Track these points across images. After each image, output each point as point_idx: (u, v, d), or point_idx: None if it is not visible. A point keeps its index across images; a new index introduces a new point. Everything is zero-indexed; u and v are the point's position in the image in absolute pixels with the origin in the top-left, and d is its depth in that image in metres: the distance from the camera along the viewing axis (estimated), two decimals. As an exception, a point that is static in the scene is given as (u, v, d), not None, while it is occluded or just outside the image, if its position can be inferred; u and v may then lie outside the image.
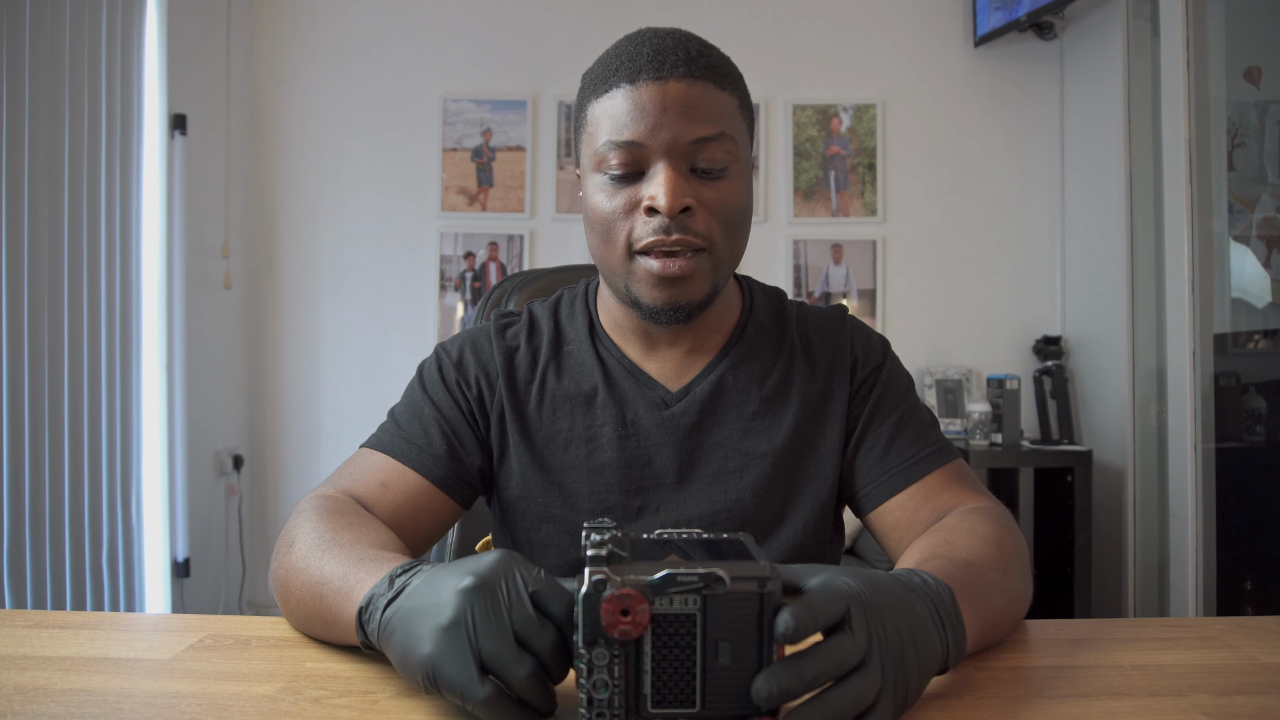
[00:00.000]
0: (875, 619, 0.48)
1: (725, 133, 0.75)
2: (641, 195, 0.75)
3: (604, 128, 0.75)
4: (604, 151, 0.75)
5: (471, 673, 0.45)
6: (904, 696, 0.48)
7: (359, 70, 3.06)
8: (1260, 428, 2.14)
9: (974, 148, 3.03)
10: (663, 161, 0.74)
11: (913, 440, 0.83)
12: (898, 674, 0.47)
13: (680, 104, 0.73)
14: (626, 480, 0.83)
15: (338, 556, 0.63)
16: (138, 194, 2.45)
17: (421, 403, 0.85)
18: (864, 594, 0.48)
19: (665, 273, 0.75)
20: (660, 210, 0.73)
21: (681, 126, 0.73)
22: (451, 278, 3.04)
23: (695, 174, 0.75)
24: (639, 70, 0.74)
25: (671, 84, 0.73)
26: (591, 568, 0.44)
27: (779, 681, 0.43)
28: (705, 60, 0.75)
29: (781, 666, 0.44)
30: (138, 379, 2.44)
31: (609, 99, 0.75)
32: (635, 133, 0.73)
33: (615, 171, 0.75)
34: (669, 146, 0.73)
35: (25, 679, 0.56)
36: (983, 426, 2.69)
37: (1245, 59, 2.21)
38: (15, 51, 2.01)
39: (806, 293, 3.01)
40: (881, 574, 0.53)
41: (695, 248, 0.75)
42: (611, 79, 0.75)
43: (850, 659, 0.45)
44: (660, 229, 0.74)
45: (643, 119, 0.73)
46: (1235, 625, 0.69)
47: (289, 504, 3.03)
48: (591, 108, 0.77)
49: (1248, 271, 2.18)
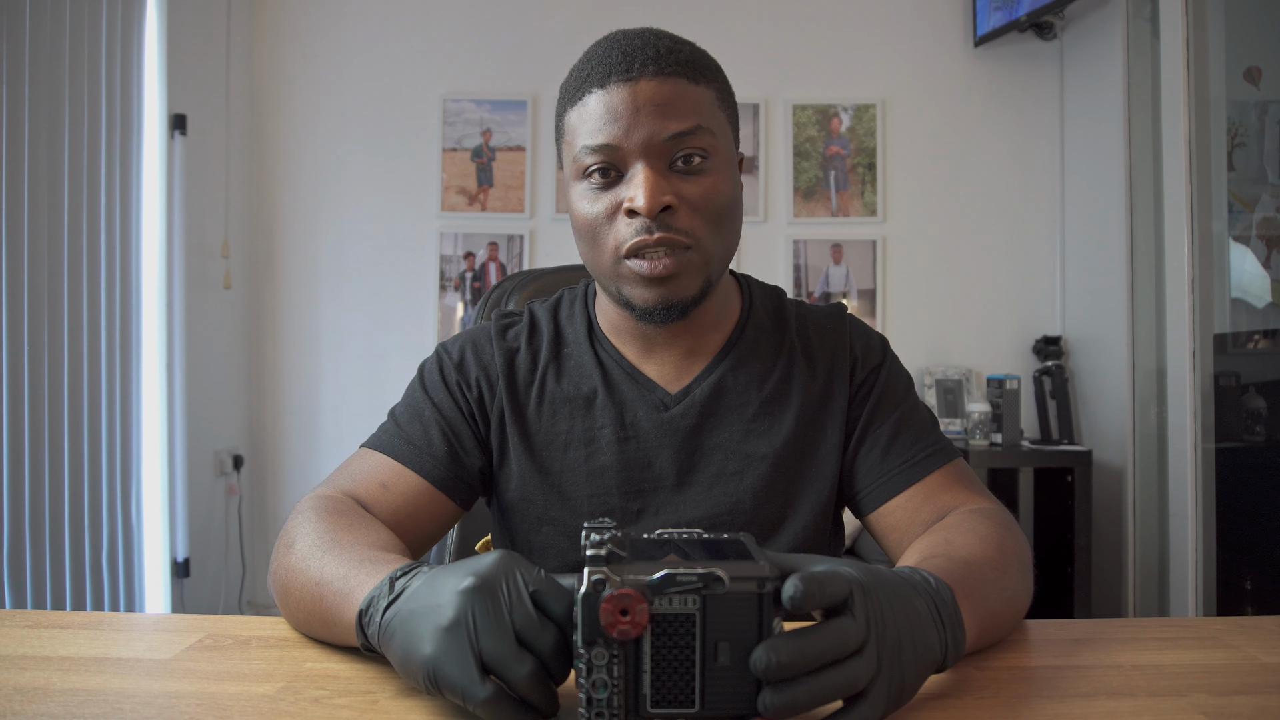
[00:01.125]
0: (875, 607, 0.47)
1: (701, 126, 0.75)
2: (622, 198, 0.75)
3: (580, 134, 0.75)
4: (582, 157, 0.75)
5: (472, 673, 0.45)
6: (899, 691, 0.47)
7: (359, 70, 3.06)
8: (1260, 428, 2.14)
9: (974, 148, 3.03)
10: (640, 162, 0.74)
11: (913, 441, 0.82)
12: (893, 667, 0.47)
13: (653, 102, 0.73)
14: (626, 483, 0.82)
15: (337, 558, 0.62)
16: (138, 194, 2.45)
17: (422, 403, 0.85)
18: (866, 582, 0.48)
19: (653, 273, 0.75)
20: (640, 211, 0.73)
21: (655, 124, 0.73)
22: (451, 278, 3.04)
23: (675, 171, 0.75)
24: (609, 73, 0.74)
25: (642, 83, 0.73)
26: (591, 567, 0.44)
27: (779, 654, 0.43)
28: (675, 56, 0.75)
29: (782, 639, 0.43)
30: (138, 379, 2.44)
31: (582, 105, 0.75)
32: (610, 135, 0.73)
33: (595, 176, 0.75)
34: (645, 146, 0.73)
35: (25, 679, 0.56)
36: (983, 426, 2.69)
37: (1245, 59, 2.21)
38: (15, 51, 2.01)
39: (806, 293, 3.01)
40: (883, 569, 0.53)
41: (680, 245, 0.75)
42: (583, 85, 0.75)
43: (850, 643, 0.45)
44: (643, 229, 0.74)
45: (616, 121, 0.73)
46: (1235, 625, 0.69)
47: (289, 504, 3.03)
48: (568, 116, 0.78)
49: (1248, 271, 2.18)
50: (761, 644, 0.43)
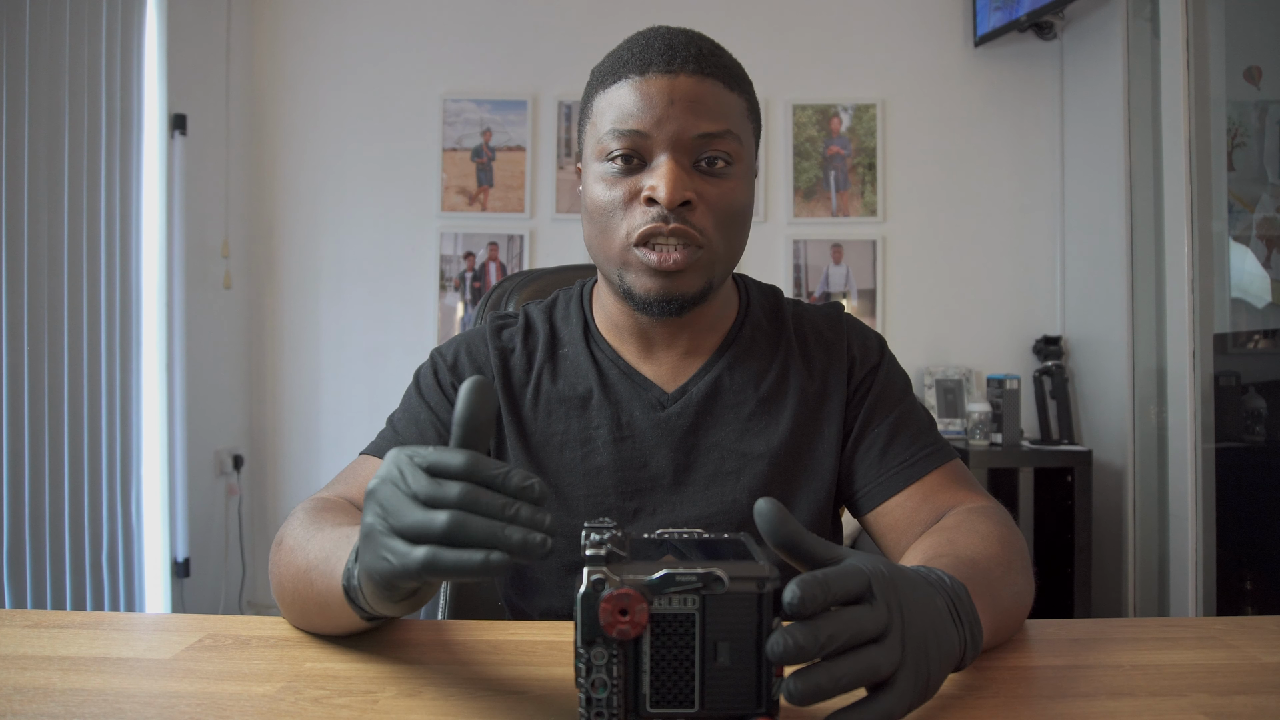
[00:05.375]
0: (897, 598, 0.47)
1: (731, 131, 0.75)
2: (642, 185, 0.75)
3: (609, 117, 0.75)
4: (606, 140, 0.75)
5: (400, 550, 0.46)
6: (925, 685, 0.47)
7: (359, 70, 3.06)
8: (1260, 428, 2.14)
9: (974, 148, 3.03)
10: (666, 154, 0.74)
11: (911, 440, 0.82)
12: (919, 659, 0.46)
13: (688, 99, 0.73)
14: (622, 482, 0.82)
15: (320, 542, 0.63)
16: (138, 194, 2.45)
17: (418, 407, 0.85)
18: (887, 574, 0.47)
19: (661, 265, 0.75)
20: (660, 201, 0.73)
21: (688, 121, 0.73)
22: (451, 278, 3.03)
23: (698, 170, 0.75)
24: (649, 63, 0.74)
25: (681, 79, 0.74)
26: (590, 567, 0.44)
27: (794, 638, 0.42)
28: (716, 59, 0.76)
29: (798, 625, 0.43)
30: (138, 379, 2.44)
31: (616, 90, 0.75)
32: (640, 122, 0.74)
33: (618, 161, 0.75)
34: (674, 139, 0.74)
35: (25, 679, 0.56)
36: (983, 426, 2.69)
37: (1245, 59, 2.20)
38: (15, 51, 2.01)
39: (806, 293, 3.01)
40: (905, 566, 0.53)
41: (692, 241, 0.75)
42: (621, 70, 0.76)
43: (868, 629, 0.44)
44: (658, 218, 0.74)
45: (649, 110, 0.73)
46: (1235, 625, 0.69)
47: (289, 504, 3.03)
48: (598, 99, 0.78)
49: (1248, 271, 2.18)
50: (776, 630, 0.43)
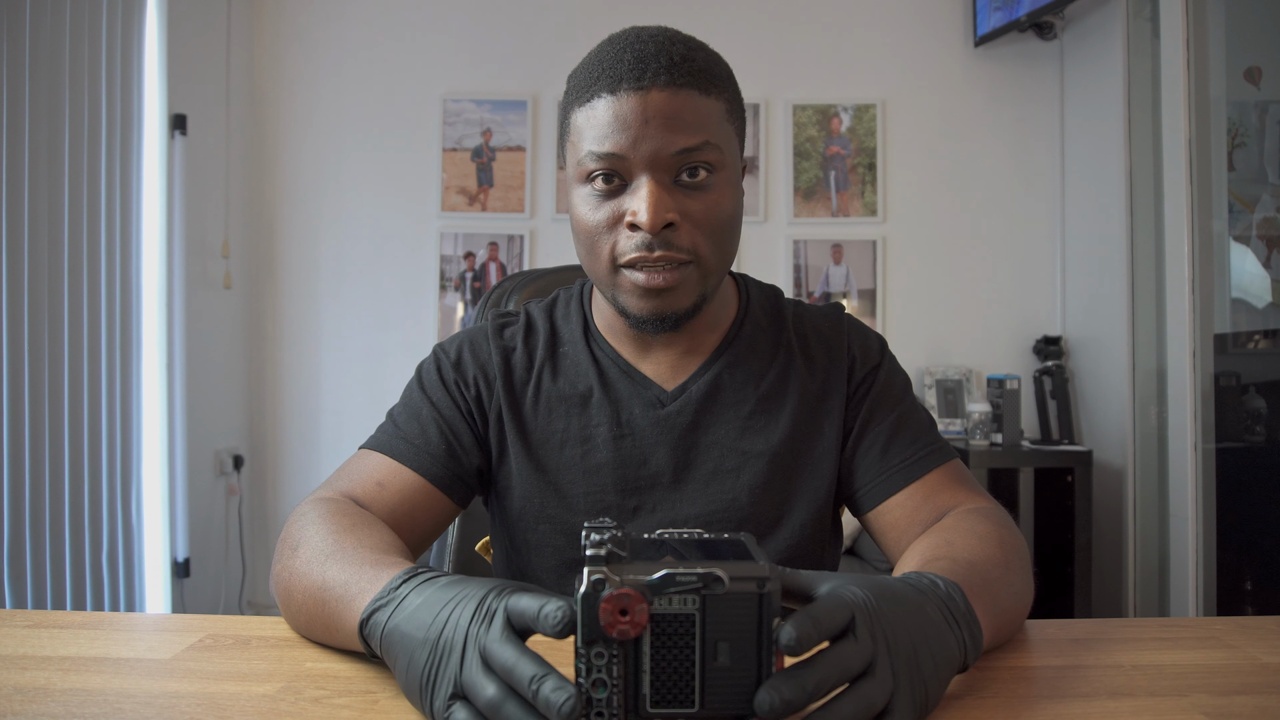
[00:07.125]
0: (882, 625, 0.47)
1: (710, 142, 0.73)
2: (625, 208, 0.74)
3: (586, 138, 0.74)
4: (586, 163, 0.74)
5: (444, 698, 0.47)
6: (924, 699, 0.47)
7: (359, 70, 3.06)
8: (1260, 428, 2.14)
9: (974, 148, 3.03)
10: (645, 175, 0.72)
11: (911, 440, 0.82)
12: (913, 677, 0.47)
13: (662, 115, 0.72)
14: (622, 480, 0.82)
15: (340, 563, 0.62)
16: (138, 194, 2.45)
17: (420, 403, 0.85)
18: (870, 601, 0.48)
19: (650, 285, 0.74)
20: (642, 226, 0.72)
21: (664, 138, 0.72)
22: (451, 278, 3.04)
23: (679, 185, 0.74)
24: (620, 79, 0.72)
25: (653, 94, 0.71)
26: (590, 567, 0.44)
27: (781, 693, 0.43)
28: (689, 65, 0.73)
29: (783, 677, 0.43)
30: (138, 379, 2.44)
31: (590, 108, 0.74)
32: (617, 144, 0.72)
33: (598, 183, 0.74)
34: (651, 159, 0.72)
35: (25, 679, 0.56)
36: (983, 426, 2.69)
37: (1245, 59, 2.20)
38: (15, 51, 2.01)
39: (806, 293, 3.01)
40: (890, 579, 0.53)
41: (680, 261, 0.74)
42: (593, 87, 0.74)
43: (854, 665, 0.45)
44: (643, 245, 0.73)
45: (624, 131, 0.72)
46: (1235, 625, 0.69)
47: (289, 504, 3.03)
48: (575, 115, 0.76)
49: (1248, 271, 2.18)
50: (763, 685, 0.43)
